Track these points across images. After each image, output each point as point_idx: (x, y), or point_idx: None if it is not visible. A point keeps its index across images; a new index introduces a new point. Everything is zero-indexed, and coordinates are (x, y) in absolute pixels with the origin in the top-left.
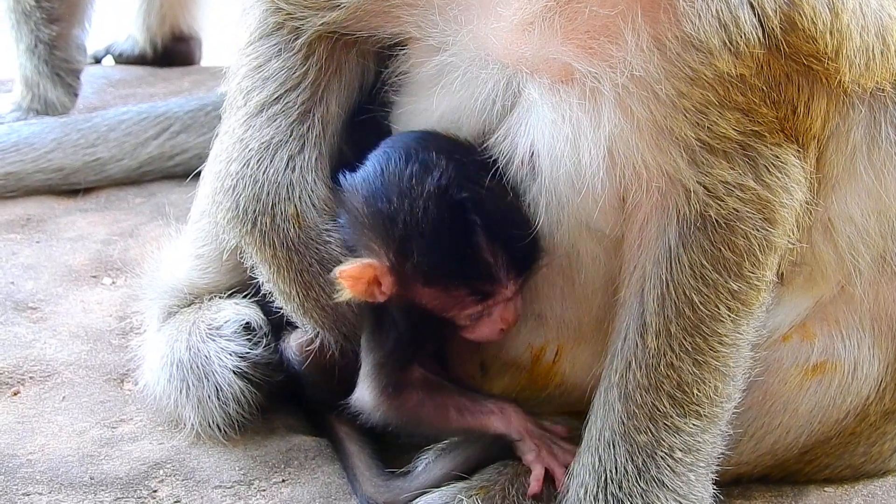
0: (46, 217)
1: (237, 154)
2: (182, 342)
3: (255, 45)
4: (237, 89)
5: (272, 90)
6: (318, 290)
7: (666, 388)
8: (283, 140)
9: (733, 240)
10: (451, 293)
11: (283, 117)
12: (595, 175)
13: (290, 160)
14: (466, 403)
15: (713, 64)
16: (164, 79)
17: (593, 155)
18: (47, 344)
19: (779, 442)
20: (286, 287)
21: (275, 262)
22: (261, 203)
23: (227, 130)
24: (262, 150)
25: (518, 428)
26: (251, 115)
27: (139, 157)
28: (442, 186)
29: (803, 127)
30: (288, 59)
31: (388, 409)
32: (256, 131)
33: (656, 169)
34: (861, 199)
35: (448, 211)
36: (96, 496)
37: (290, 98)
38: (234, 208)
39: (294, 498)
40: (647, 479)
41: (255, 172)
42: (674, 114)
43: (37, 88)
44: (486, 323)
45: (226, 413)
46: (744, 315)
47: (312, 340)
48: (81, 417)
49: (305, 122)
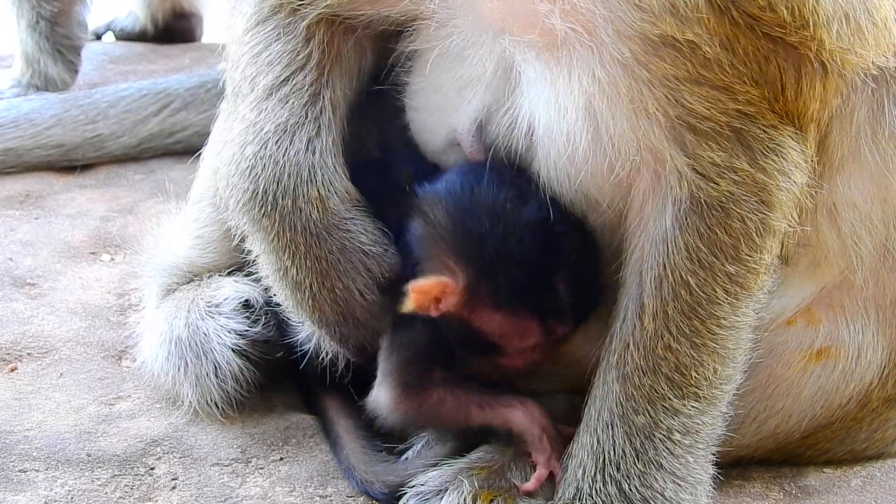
0: (45, 193)
1: (252, 137)
2: (181, 319)
3: (253, 33)
4: (241, 78)
5: (278, 73)
6: (334, 280)
7: (664, 370)
8: (299, 122)
9: (729, 223)
10: (518, 323)
11: (296, 98)
12: (580, 146)
13: (309, 142)
14: (487, 399)
15: (657, 26)
16: (164, 55)
17: (577, 123)
18: (45, 320)
19: (781, 426)
20: (300, 275)
21: (292, 246)
22: (282, 185)
23: (237, 118)
24: (280, 131)
25: (540, 424)
26: (260, 99)
27: (139, 133)
28: (543, 218)
29: (796, 109)
30: (289, 41)
31: (408, 409)
32: (270, 113)
33: (636, 142)
34: (865, 185)
35: (544, 244)
36: (93, 473)
37: (298, 79)
38: (253, 190)
39: (292, 476)
40: (646, 460)
41: (274, 153)
42: (638, 85)
43: (37, 64)
44: (524, 356)
45: (224, 391)
46: (742, 298)
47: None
48: (79, 394)
49: (317, 105)
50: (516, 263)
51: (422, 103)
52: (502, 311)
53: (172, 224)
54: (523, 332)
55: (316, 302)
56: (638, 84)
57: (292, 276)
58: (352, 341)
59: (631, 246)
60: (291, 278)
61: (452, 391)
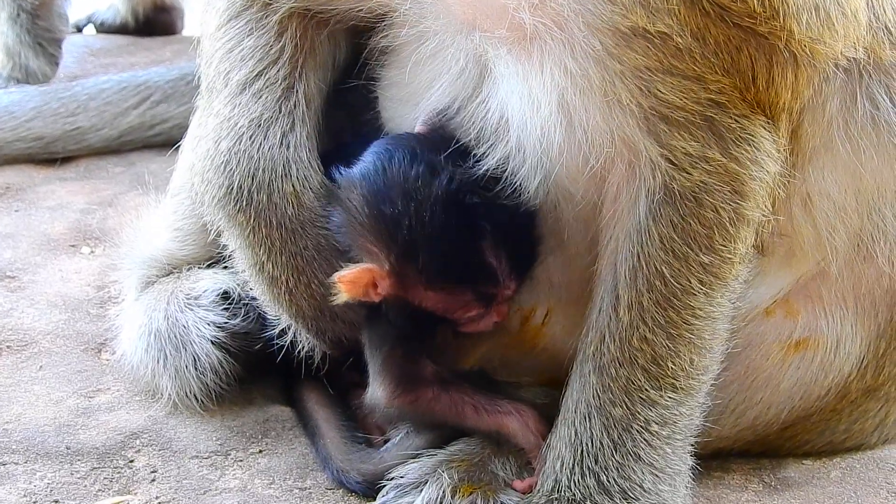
0: (25, 186)
1: (226, 132)
2: (160, 312)
3: (226, 28)
4: (215, 73)
5: (251, 67)
6: (311, 276)
7: (640, 361)
8: (272, 116)
9: (702, 213)
10: (454, 297)
11: (269, 93)
12: (554, 140)
13: (283, 137)
14: (482, 402)
15: (628, 18)
16: (145, 48)
17: (550, 116)
18: (25, 313)
19: (760, 417)
20: (276, 271)
21: (268, 242)
22: (256, 180)
23: (210, 114)
24: (254, 126)
25: (535, 431)
26: (234, 94)
27: (119, 126)
28: (452, 191)
29: (768, 98)
30: (261, 36)
31: (403, 404)
32: (243, 108)
33: (610, 134)
34: (839, 175)
35: (457, 216)
36: (72, 466)
37: (271, 73)
38: (228, 185)
39: (271, 468)
40: (623, 452)
41: (248, 148)
42: (610, 77)
43: (18, 57)
44: (482, 319)
45: (203, 383)
46: (717, 288)
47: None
48: (58, 387)
49: (291, 99)
50: (435, 239)
51: (395, 95)
52: (434, 287)
53: (152, 216)
54: (463, 303)
55: (292, 297)
56: (610, 76)
57: (268, 272)
58: (328, 335)
59: (606, 238)
60: (268, 273)
61: (446, 390)
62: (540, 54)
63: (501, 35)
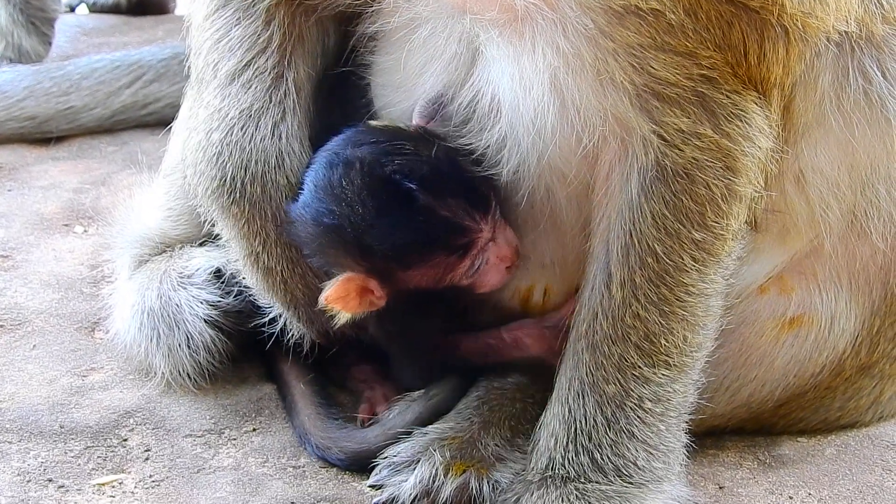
0: (18, 165)
1: (217, 123)
2: (153, 290)
3: (213, 19)
4: (204, 64)
5: (240, 57)
6: (305, 266)
7: (633, 338)
8: (263, 106)
9: (694, 189)
10: (432, 263)
11: (258, 82)
12: (547, 121)
13: (275, 127)
14: (491, 344)
15: None
16: (137, 27)
17: (543, 97)
18: (18, 292)
19: (754, 395)
20: (271, 261)
21: (263, 233)
22: (250, 172)
23: (201, 104)
24: (245, 117)
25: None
26: (223, 84)
27: (112, 105)
28: (365, 172)
29: (759, 74)
30: (249, 26)
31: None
32: (234, 99)
33: (603, 113)
34: (831, 151)
35: (384, 192)
36: (66, 445)
37: (260, 63)
38: (221, 177)
39: (265, 447)
40: (617, 429)
41: (240, 140)
42: (603, 55)
43: (10, 37)
44: (487, 272)
45: (196, 362)
46: (710, 265)
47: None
48: (52, 366)
49: (281, 88)
50: (379, 223)
51: (387, 81)
52: (410, 265)
53: (145, 196)
54: (446, 265)
55: (287, 287)
56: (603, 54)
57: (263, 262)
58: (318, 325)
59: (598, 216)
60: (263, 264)
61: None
62: (531, 35)
63: (492, 17)
